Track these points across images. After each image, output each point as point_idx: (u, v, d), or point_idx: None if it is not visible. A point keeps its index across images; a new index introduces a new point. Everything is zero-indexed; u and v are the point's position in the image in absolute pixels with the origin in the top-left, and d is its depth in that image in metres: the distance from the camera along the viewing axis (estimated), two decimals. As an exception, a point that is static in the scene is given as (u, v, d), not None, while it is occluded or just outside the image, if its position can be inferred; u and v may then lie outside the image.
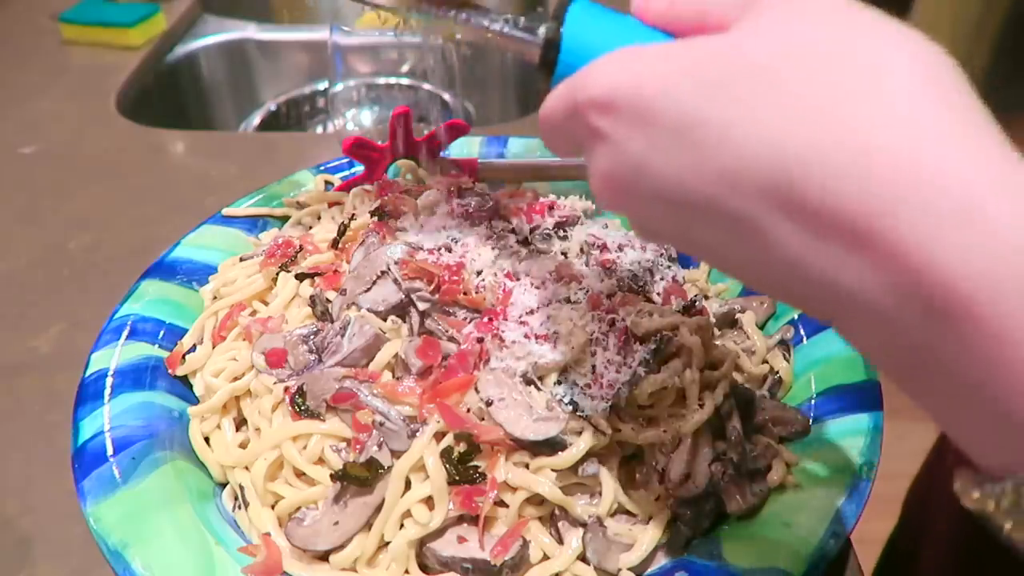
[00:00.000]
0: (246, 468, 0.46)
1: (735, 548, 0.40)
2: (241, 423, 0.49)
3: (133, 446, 0.45)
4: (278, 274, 0.54)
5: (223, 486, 0.47)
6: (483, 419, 0.43)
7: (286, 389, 0.46)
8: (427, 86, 0.97)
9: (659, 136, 0.27)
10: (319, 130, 1.26)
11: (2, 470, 0.55)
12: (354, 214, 0.57)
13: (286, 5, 1.48)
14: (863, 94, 0.24)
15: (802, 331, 0.53)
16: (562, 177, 0.68)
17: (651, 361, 0.45)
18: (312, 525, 0.42)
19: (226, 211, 0.63)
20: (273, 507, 0.44)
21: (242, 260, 0.59)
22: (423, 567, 0.42)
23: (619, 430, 0.44)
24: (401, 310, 0.49)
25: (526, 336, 0.45)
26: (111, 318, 0.53)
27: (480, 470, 0.42)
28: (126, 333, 0.52)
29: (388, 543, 0.41)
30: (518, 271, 0.50)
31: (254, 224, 0.64)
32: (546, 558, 0.41)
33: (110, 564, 0.39)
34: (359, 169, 0.66)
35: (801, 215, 0.24)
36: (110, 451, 0.44)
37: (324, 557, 0.42)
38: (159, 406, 0.49)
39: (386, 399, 0.44)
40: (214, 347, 0.52)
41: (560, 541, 0.42)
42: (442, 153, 0.67)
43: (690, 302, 0.51)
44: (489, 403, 0.42)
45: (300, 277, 0.53)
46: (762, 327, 0.55)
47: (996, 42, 2.32)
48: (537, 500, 0.42)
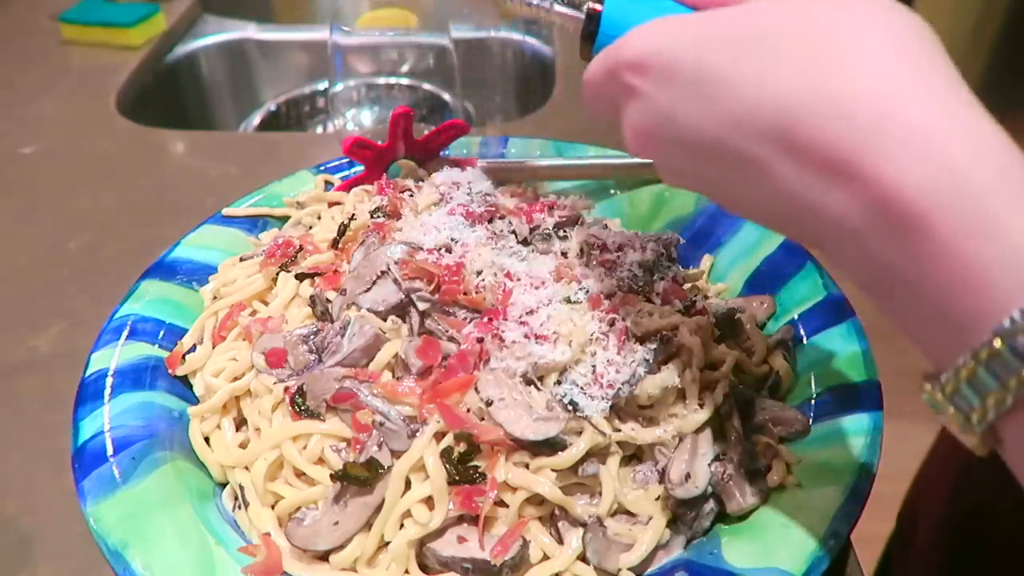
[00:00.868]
0: (246, 468, 0.46)
1: (735, 548, 0.40)
2: (241, 423, 0.49)
3: (133, 446, 0.45)
4: (278, 274, 0.54)
5: (223, 486, 0.47)
6: (483, 419, 0.43)
7: (286, 389, 0.46)
8: (427, 86, 0.97)
9: (682, 90, 0.32)
10: (319, 130, 1.26)
11: (2, 470, 0.55)
12: (354, 214, 0.57)
13: (286, 5, 1.48)
14: (848, 56, 0.29)
15: (802, 331, 0.52)
16: (562, 177, 0.68)
17: (651, 361, 0.45)
18: (312, 525, 0.42)
19: (226, 211, 0.63)
20: (273, 507, 0.44)
21: (242, 260, 0.59)
22: (423, 567, 0.42)
23: (619, 430, 0.44)
24: (401, 310, 0.49)
25: (526, 336, 0.45)
26: (111, 318, 0.53)
27: (480, 470, 0.42)
28: (126, 333, 0.52)
29: (388, 543, 0.41)
30: (518, 271, 0.50)
31: (254, 224, 0.64)
32: (546, 558, 0.41)
33: (110, 564, 0.39)
34: (359, 169, 0.66)
35: (796, 153, 0.29)
36: (110, 451, 0.44)
37: (324, 557, 0.42)
38: (159, 406, 0.49)
39: (386, 399, 0.44)
40: (214, 347, 0.52)
41: (560, 541, 0.42)
42: (442, 153, 0.67)
43: (690, 302, 0.51)
44: (489, 403, 0.42)
45: (300, 277, 0.53)
46: (762, 327, 0.55)
47: (995, 41, 2.32)
48: (537, 500, 0.42)
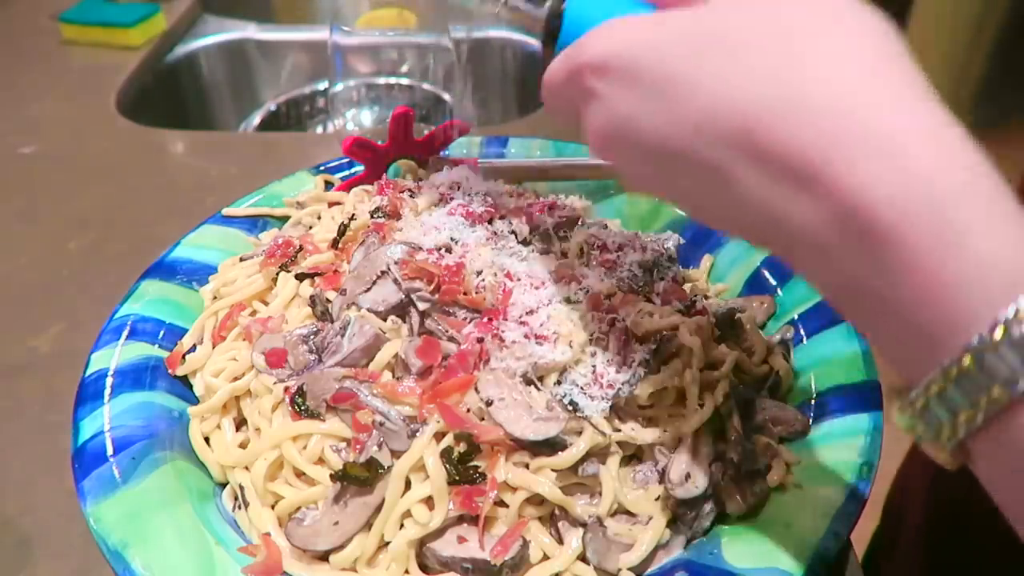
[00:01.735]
0: (246, 468, 0.46)
1: (735, 548, 0.40)
2: (241, 423, 0.49)
3: (133, 446, 0.45)
4: (278, 274, 0.54)
5: (223, 486, 0.47)
6: (483, 419, 0.43)
7: (286, 389, 0.46)
8: (427, 86, 0.97)
9: (644, 93, 0.31)
10: (319, 130, 1.26)
11: (2, 470, 0.55)
12: (354, 214, 0.57)
13: (286, 5, 1.48)
14: (812, 58, 0.28)
15: (802, 331, 0.53)
16: (562, 177, 0.68)
17: (651, 361, 0.45)
18: (312, 525, 0.42)
19: (226, 211, 0.63)
20: (273, 507, 0.44)
21: (242, 260, 0.59)
22: (423, 567, 0.42)
23: (619, 430, 0.44)
24: (401, 310, 0.49)
25: (526, 336, 0.45)
26: (111, 318, 0.53)
27: (480, 470, 0.42)
28: (126, 333, 0.52)
29: (388, 543, 0.41)
30: (518, 271, 0.50)
31: (254, 224, 0.64)
32: (546, 558, 0.41)
33: (110, 564, 0.39)
34: (359, 169, 0.66)
35: (759, 161, 0.28)
36: (110, 451, 0.44)
37: (324, 557, 0.42)
38: (159, 406, 0.49)
39: (386, 399, 0.44)
40: (214, 347, 0.52)
41: (560, 541, 0.42)
42: (442, 153, 0.67)
43: (690, 302, 0.51)
44: (489, 403, 0.42)
45: (300, 277, 0.53)
46: (762, 327, 0.55)
47: (995, 44, 2.32)
48: (537, 500, 0.42)
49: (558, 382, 0.45)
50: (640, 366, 0.44)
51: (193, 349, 0.53)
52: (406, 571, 0.41)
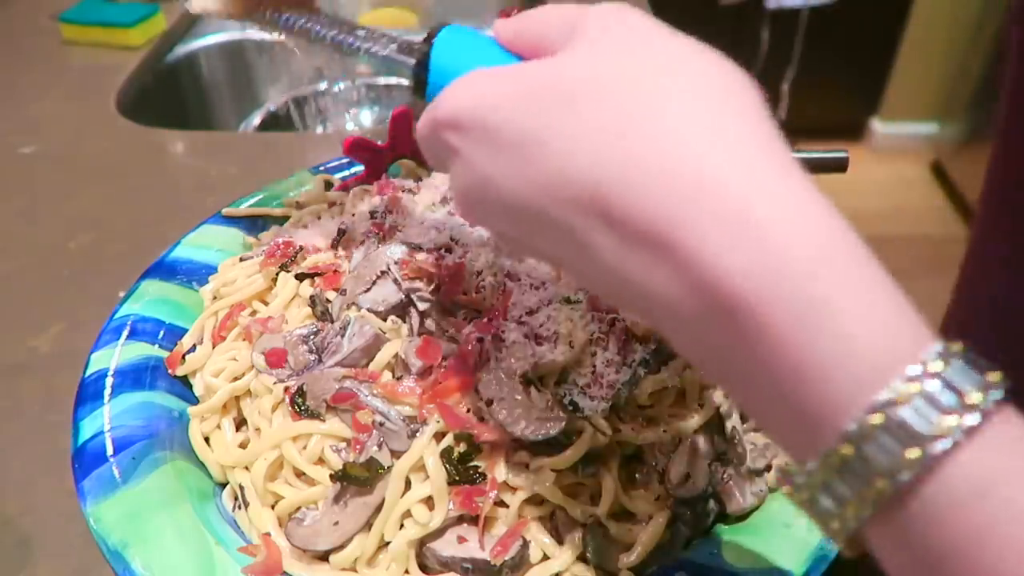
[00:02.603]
0: (246, 468, 0.46)
1: (735, 548, 0.40)
2: (241, 423, 0.49)
3: (133, 446, 0.45)
4: (278, 274, 0.54)
5: (223, 486, 0.47)
6: (483, 419, 0.43)
7: (286, 389, 0.46)
8: (427, 86, 0.97)
9: (498, 152, 0.29)
10: (319, 130, 1.26)
11: (2, 470, 0.55)
12: (354, 214, 0.57)
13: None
14: (659, 118, 0.26)
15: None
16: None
17: (651, 361, 0.45)
18: (312, 525, 0.42)
19: (226, 211, 0.63)
20: (273, 507, 0.44)
21: (242, 260, 0.59)
22: (423, 567, 0.42)
23: (619, 430, 0.44)
24: (401, 310, 0.49)
25: (526, 336, 0.45)
26: (111, 318, 0.53)
27: (480, 470, 0.42)
28: (126, 333, 0.52)
29: (388, 543, 0.41)
30: (518, 271, 0.50)
31: (254, 224, 0.64)
32: (546, 558, 0.41)
33: (110, 564, 0.39)
34: (359, 169, 0.66)
35: (612, 227, 0.26)
36: (110, 451, 0.44)
37: (324, 557, 0.42)
38: (159, 406, 0.49)
39: (386, 399, 0.44)
40: (214, 347, 0.52)
41: (560, 541, 0.42)
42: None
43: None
44: (489, 403, 0.42)
45: (300, 277, 0.53)
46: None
47: (995, 44, 2.32)
48: (537, 500, 0.42)
49: (558, 382, 0.45)
50: (640, 366, 0.44)
51: (193, 349, 0.53)
52: (406, 571, 0.41)
